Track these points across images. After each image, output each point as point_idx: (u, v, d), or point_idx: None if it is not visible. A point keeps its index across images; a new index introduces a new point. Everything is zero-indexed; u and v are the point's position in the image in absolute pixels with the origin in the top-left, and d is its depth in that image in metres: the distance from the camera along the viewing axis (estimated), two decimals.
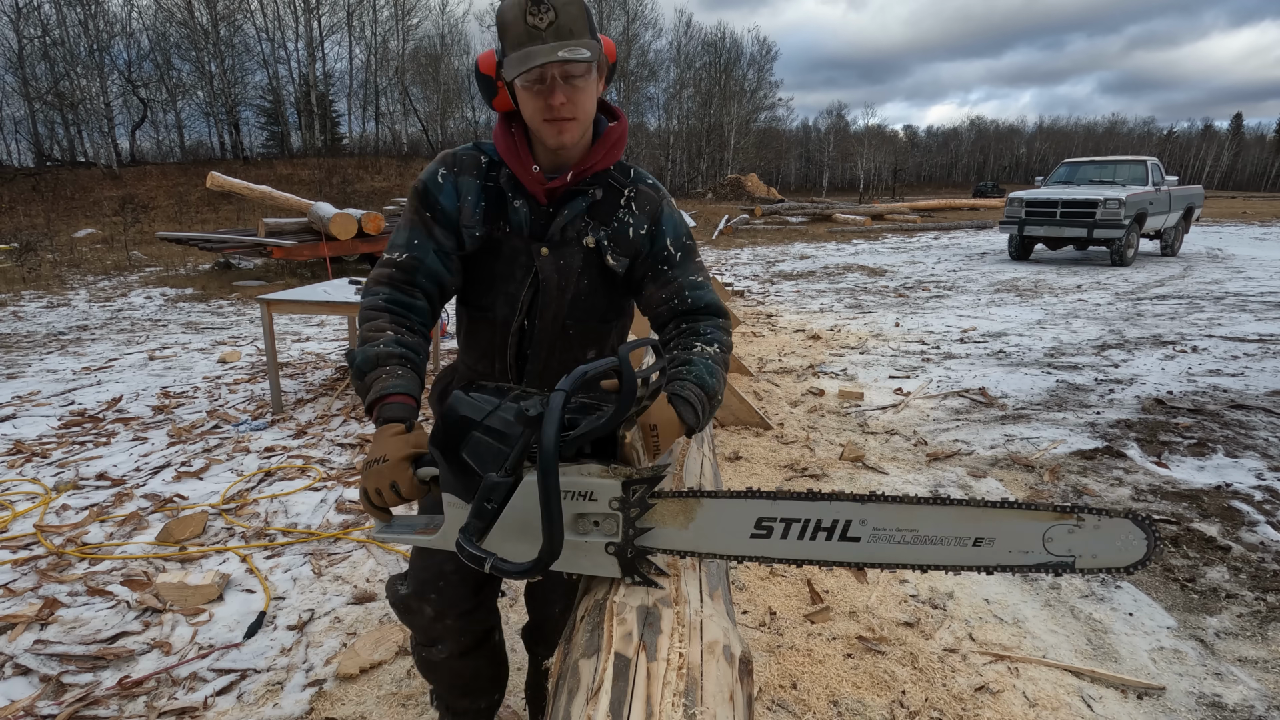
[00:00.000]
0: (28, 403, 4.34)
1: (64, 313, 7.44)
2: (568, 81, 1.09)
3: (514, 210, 1.22)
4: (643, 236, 1.25)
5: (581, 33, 1.07)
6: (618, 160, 1.26)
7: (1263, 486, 3.03)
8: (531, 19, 1.05)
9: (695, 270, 1.27)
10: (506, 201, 1.23)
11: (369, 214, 9.79)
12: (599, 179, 1.24)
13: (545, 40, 1.06)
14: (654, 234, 1.25)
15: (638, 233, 1.24)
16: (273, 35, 31.84)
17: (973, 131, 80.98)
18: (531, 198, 1.22)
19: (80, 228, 16.08)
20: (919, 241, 16.11)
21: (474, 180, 1.23)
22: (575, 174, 1.20)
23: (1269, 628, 2.11)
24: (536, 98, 1.10)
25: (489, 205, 1.23)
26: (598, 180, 1.23)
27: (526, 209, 1.22)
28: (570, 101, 1.10)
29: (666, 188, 1.34)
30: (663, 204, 1.27)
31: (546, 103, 1.10)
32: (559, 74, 1.08)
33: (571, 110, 1.11)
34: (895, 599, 2.29)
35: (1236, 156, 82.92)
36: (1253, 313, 7.00)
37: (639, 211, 1.25)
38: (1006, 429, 3.82)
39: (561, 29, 1.06)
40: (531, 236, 1.23)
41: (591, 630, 0.83)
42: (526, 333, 1.27)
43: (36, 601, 2.25)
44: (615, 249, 1.24)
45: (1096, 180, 12.06)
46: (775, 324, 6.88)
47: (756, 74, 46.85)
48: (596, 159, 1.21)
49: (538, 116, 1.12)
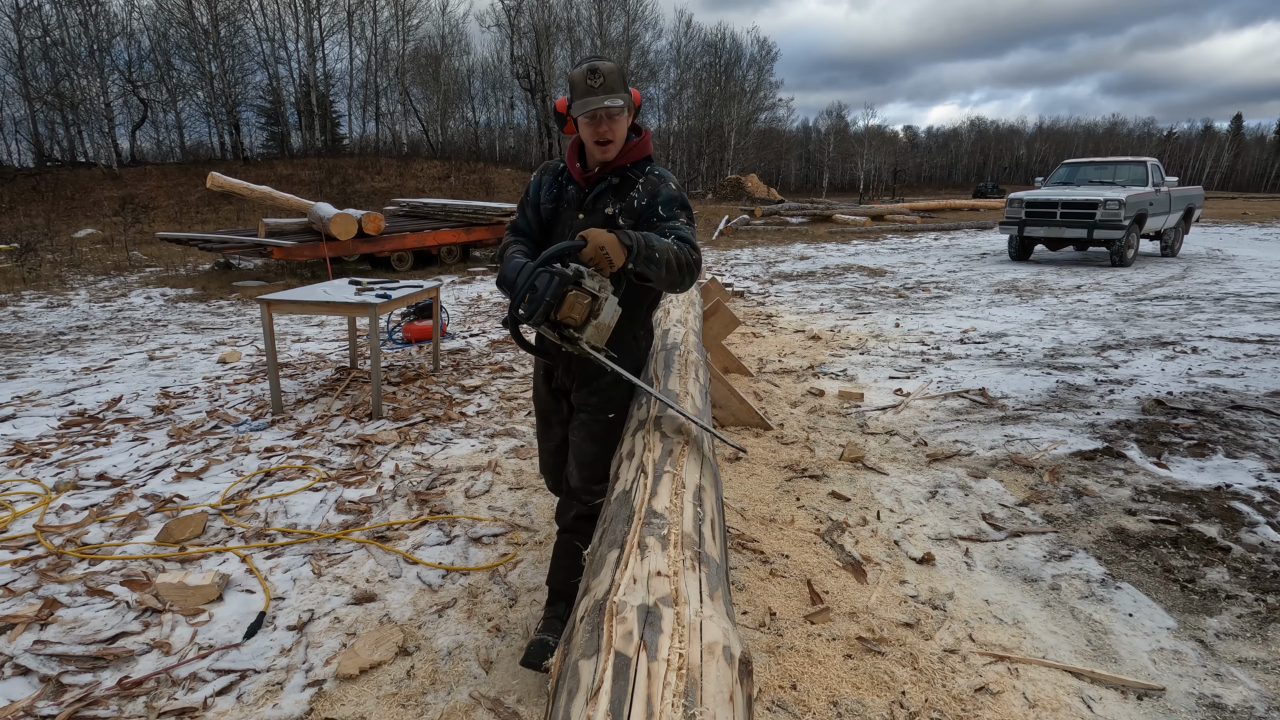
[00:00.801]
0: (28, 403, 4.34)
1: (64, 313, 7.44)
2: (610, 118, 1.80)
3: (568, 193, 1.96)
4: (643, 206, 1.88)
5: (618, 89, 1.78)
6: (635, 161, 1.91)
7: (1263, 487, 3.03)
8: (589, 81, 1.76)
9: (680, 220, 1.85)
10: (564, 188, 1.97)
11: (369, 214, 9.79)
12: (617, 172, 1.90)
13: (596, 94, 1.75)
14: (651, 204, 1.87)
15: (640, 204, 1.88)
16: (273, 35, 31.82)
17: (973, 132, 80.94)
18: (578, 184, 1.94)
19: (80, 228, 16.08)
20: (919, 242, 16.10)
21: (550, 177, 2.01)
22: (601, 169, 1.90)
23: (1269, 629, 2.11)
24: (589, 127, 1.81)
25: (557, 191, 1.99)
26: (616, 173, 1.90)
27: (575, 191, 1.95)
28: (610, 129, 1.81)
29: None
30: (660, 186, 1.89)
31: (596, 130, 1.80)
32: (604, 114, 1.78)
33: (610, 135, 1.82)
34: (895, 599, 2.29)
35: (1236, 157, 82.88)
36: (1253, 313, 7.00)
37: (644, 191, 1.89)
38: (1006, 429, 3.82)
39: (606, 87, 1.76)
40: (576, 208, 1.93)
41: (591, 630, 0.83)
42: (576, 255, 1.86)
43: (36, 601, 2.25)
44: (624, 213, 1.88)
45: (1096, 181, 12.06)
46: (775, 324, 6.88)
47: (756, 74, 46.83)
48: (616, 161, 1.88)
49: (591, 140, 1.83)
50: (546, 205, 1.99)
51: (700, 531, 1.09)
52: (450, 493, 3.11)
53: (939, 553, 2.58)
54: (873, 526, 2.78)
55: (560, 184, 1.98)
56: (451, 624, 2.17)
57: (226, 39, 29.60)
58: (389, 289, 4.33)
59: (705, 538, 1.09)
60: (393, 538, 2.70)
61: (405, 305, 4.85)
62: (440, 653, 2.03)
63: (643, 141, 1.92)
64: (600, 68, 1.75)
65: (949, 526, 2.78)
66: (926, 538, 2.69)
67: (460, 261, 11.73)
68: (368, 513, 2.91)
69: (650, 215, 1.87)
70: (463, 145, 37.00)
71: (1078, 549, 2.59)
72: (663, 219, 1.86)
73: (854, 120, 71.25)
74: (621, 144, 1.87)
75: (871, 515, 2.87)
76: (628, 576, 0.92)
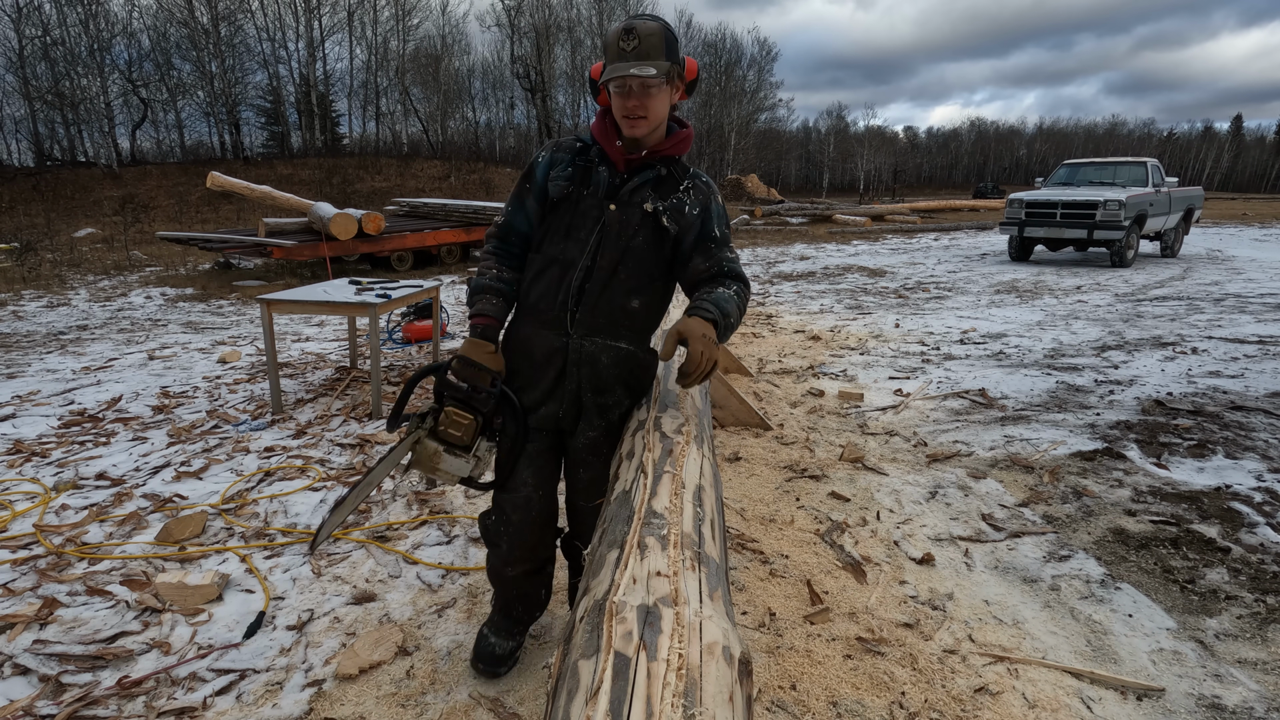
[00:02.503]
0: (27, 402, 4.34)
1: (64, 312, 7.44)
2: (643, 90, 1.50)
3: (597, 174, 1.63)
4: (694, 216, 1.63)
5: (657, 56, 1.48)
6: (683, 154, 1.66)
7: (1262, 488, 3.03)
8: (622, 44, 1.48)
9: (731, 250, 1.68)
10: (592, 170, 1.64)
11: (369, 214, 9.78)
12: (667, 161, 1.64)
13: (627, 58, 1.48)
14: (704, 218, 1.64)
15: (691, 212, 1.62)
16: (273, 35, 31.85)
17: (973, 133, 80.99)
18: (613, 166, 1.63)
19: (80, 227, 16.08)
20: (919, 242, 16.10)
21: (567, 155, 1.66)
22: (650, 152, 1.60)
23: (1269, 629, 2.11)
24: (619, 99, 1.53)
25: (575, 172, 1.65)
26: (666, 162, 1.64)
27: (607, 174, 1.63)
28: (641, 104, 1.51)
29: None
30: (713, 197, 1.66)
31: (625, 104, 1.52)
32: (635, 85, 1.49)
33: (642, 110, 1.52)
34: (895, 600, 2.28)
35: (1236, 158, 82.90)
36: (1253, 314, 7.00)
37: (693, 198, 1.63)
38: (1006, 430, 3.82)
39: (641, 52, 1.47)
40: (605, 196, 1.62)
41: (591, 630, 0.83)
42: (589, 271, 1.61)
43: (36, 601, 2.25)
44: (670, 215, 1.61)
45: (1096, 182, 12.06)
46: (775, 325, 6.88)
47: (757, 75, 46.88)
48: (667, 146, 1.62)
49: (619, 113, 1.55)
50: (558, 186, 1.64)
51: (700, 532, 1.09)
52: (450, 492, 3.11)
53: (939, 553, 2.58)
54: (872, 527, 2.78)
55: (583, 165, 1.65)
56: (451, 624, 2.17)
57: (227, 39, 29.61)
58: (389, 289, 4.33)
59: (705, 538, 1.09)
60: (392, 538, 2.70)
61: (405, 305, 4.85)
62: (440, 653, 2.03)
63: (690, 133, 1.67)
64: (637, 27, 1.47)
65: (949, 527, 2.78)
66: (926, 538, 2.69)
67: (460, 261, 11.72)
68: (367, 512, 2.91)
69: (704, 236, 1.64)
70: (463, 145, 37.00)
71: (1077, 549, 2.59)
72: (718, 243, 1.65)
73: (854, 121, 71.27)
74: (659, 124, 1.57)
75: (871, 515, 2.87)
76: (627, 576, 0.92)
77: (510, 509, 1.73)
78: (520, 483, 1.73)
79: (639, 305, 1.66)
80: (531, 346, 1.68)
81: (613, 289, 1.62)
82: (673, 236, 1.63)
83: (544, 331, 1.66)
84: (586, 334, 1.63)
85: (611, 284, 1.62)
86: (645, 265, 1.64)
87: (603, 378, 1.65)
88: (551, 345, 1.65)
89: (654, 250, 1.63)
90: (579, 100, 40.48)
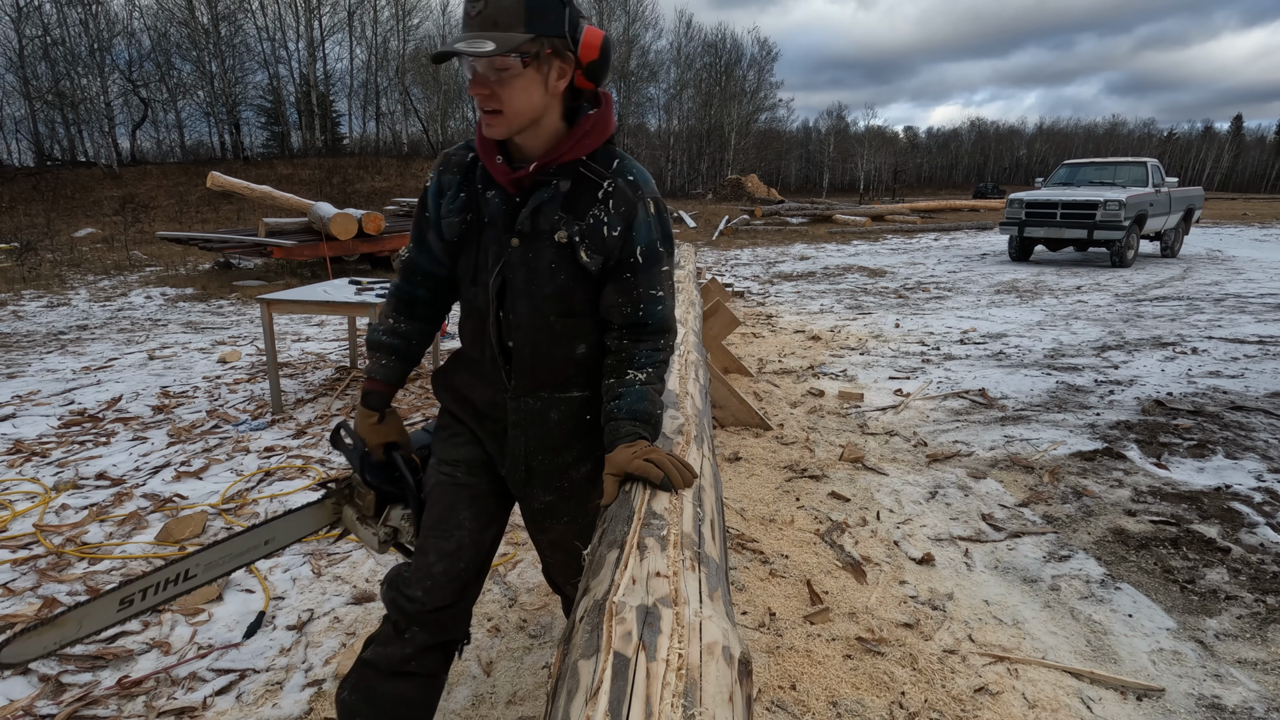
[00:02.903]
0: (28, 402, 4.34)
1: (64, 312, 7.44)
2: (491, 73, 1.07)
3: (487, 201, 1.24)
4: (615, 238, 1.20)
5: (512, 25, 1.04)
6: (594, 149, 1.20)
7: (1262, 488, 3.03)
8: (467, 5, 1.07)
9: (657, 280, 1.24)
10: (478, 196, 1.25)
11: (369, 214, 9.79)
12: (566, 170, 1.19)
13: (469, 29, 1.06)
14: (626, 238, 1.21)
15: (611, 233, 1.20)
16: (273, 35, 31.85)
17: (973, 133, 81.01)
18: (503, 190, 1.22)
19: (80, 227, 16.08)
20: (919, 243, 16.11)
21: (455, 177, 1.28)
22: (539, 165, 1.17)
23: (1268, 629, 2.11)
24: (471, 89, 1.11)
25: (468, 197, 1.26)
26: (565, 172, 1.19)
27: (499, 200, 1.23)
28: (493, 95, 1.09)
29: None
30: (638, 206, 1.20)
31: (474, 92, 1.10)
32: (478, 66, 1.08)
33: (494, 104, 1.10)
34: (895, 600, 2.29)
35: (1236, 158, 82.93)
36: (1253, 314, 7.00)
37: (614, 211, 1.19)
38: (1006, 430, 3.82)
39: (486, 19, 1.05)
40: (505, 230, 1.23)
41: (591, 630, 0.83)
42: (504, 323, 1.28)
43: (36, 601, 2.25)
44: (589, 245, 1.20)
45: (1096, 182, 12.06)
46: (775, 325, 6.88)
47: (757, 75, 46.88)
48: (563, 150, 1.17)
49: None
50: (451, 226, 1.27)
51: (700, 532, 1.09)
52: None
53: (939, 553, 2.58)
54: (872, 527, 2.78)
55: (473, 189, 1.26)
56: None
57: (227, 38, 29.61)
58: (389, 289, 4.33)
59: (705, 538, 1.09)
60: None
61: None
62: None
63: (603, 117, 1.20)
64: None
65: (949, 527, 2.78)
66: (926, 538, 2.69)
67: None
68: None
69: (621, 262, 1.22)
70: None
71: (1077, 549, 2.59)
72: (638, 271, 1.22)
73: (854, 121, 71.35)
74: (525, 120, 1.13)
75: (871, 516, 2.87)
76: (627, 577, 0.92)
77: (434, 555, 1.31)
78: (455, 524, 1.32)
79: (587, 350, 1.31)
80: (470, 394, 1.38)
81: (545, 340, 1.27)
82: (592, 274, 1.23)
83: (479, 383, 1.36)
84: (527, 390, 1.30)
85: (541, 335, 1.26)
86: (580, 307, 1.27)
87: (555, 435, 1.32)
88: (490, 398, 1.35)
89: (585, 289, 1.25)
90: None
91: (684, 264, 5.73)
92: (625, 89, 38.73)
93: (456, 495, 1.35)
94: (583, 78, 1.16)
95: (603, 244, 1.20)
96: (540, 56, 1.08)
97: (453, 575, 1.31)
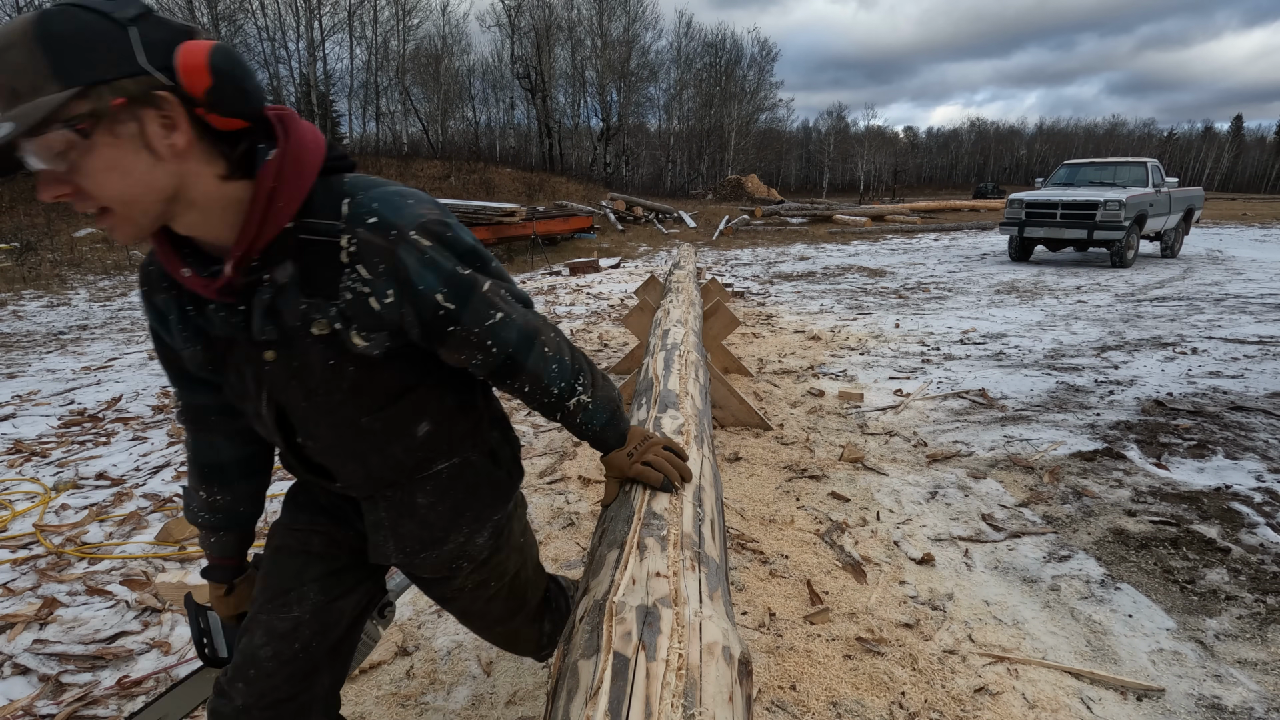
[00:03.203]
0: (28, 402, 4.34)
1: (64, 312, 7.44)
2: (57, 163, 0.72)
3: (212, 317, 0.93)
4: (391, 305, 0.88)
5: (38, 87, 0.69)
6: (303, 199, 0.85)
7: (1262, 488, 3.03)
8: None
9: (486, 309, 0.94)
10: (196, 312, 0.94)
11: None
12: (280, 249, 0.87)
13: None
14: (408, 297, 0.88)
15: (384, 302, 0.88)
16: (273, 35, 31.88)
17: (973, 133, 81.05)
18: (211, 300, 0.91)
19: (80, 227, 16.08)
20: (919, 243, 16.11)
21: (166, 295, 0.96)
22: (236, 259, 0.84)
23: (1269, 630, 2.11)
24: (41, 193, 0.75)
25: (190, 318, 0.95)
26: (279, 252, 0.87)
27: (223, 312, 0.92)
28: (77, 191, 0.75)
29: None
30: (399, 251, 0.86)
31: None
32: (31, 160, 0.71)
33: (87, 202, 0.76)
34: (895, 600, 2.29)
35: (1237, 158, 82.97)
36: (1253, 314, 7.00)
37: (372, 275, 0.87)
38: (1006, 430, 3.82)
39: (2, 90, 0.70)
40: (250, 343, 0.93)
41: (591, 630, 0.83)
42: (305, 449, 1.02)
43: (36, 601, 2.25)
44: (360, 327, 0.90)
45: (1097, 182, 12.06)
46: (775, 325, 6.89)
47: (757, 75, 46.92)
48: (256, 225, 0.83)
49: None
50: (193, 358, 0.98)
51: (700, 532, 1.09)
52: None
53: (939, 553, 2.58)
54: (872, 527, 2.78)
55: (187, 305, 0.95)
56: (451, 624, 2.16)
57: (227, 38, 29.62)
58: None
59: (705, 538, 1.09)
60: None
61: None
62: (440, 652, 2.03)
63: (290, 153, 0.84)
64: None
65: (949, 527, 2.78)
66: (926, 538, 2.69)
67: None
68: None
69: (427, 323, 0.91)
70: (463, 145, 37.01)
71: (1077, 550, 2.59)
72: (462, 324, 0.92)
73: (854, 121, 71.37)
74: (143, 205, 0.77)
75: (871, 516, 2.87)
76: (627, 577, 0.92)
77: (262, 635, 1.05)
78: (296, 597, 1.07)
79: (432, 424, 1.03)
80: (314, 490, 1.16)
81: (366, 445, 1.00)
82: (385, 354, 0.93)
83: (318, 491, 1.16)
84: (374, 491, 1.05)
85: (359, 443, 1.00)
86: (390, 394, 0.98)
87: (432, 523, 1.07)
88: (336, 501, 1.14)
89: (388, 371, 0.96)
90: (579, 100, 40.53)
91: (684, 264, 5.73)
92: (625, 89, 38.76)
93: (305, 563, 1.10)
94: (214, 115, 0.79)
95: (378, 319, 0.89)
96: (106, 114, 0.72)
97: (285, 659, 1.04)
